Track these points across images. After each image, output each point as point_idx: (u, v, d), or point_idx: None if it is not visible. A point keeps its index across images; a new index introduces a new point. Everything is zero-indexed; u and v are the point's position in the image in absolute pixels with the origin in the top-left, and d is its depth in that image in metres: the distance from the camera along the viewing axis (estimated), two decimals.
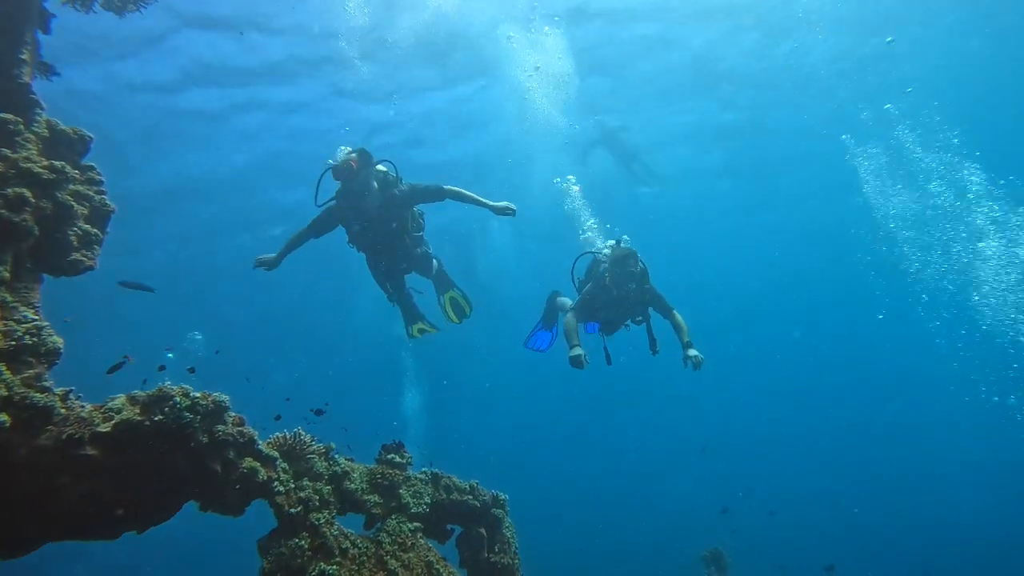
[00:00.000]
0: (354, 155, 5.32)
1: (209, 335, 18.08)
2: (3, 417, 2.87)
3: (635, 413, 33.06)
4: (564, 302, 7.07)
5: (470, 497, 4.88)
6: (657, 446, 34.03)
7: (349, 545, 3.97)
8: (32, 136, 3.60)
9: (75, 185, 3.71)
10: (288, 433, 4.03)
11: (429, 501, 4.63)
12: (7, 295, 3.29)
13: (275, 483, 3.72)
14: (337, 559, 3.82)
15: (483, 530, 5.00)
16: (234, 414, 3.58)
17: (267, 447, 3.80)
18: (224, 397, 3.48)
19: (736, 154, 18.21)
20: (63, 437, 3.06)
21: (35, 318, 3.31)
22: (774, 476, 31.13)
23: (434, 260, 6.53)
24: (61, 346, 3.29)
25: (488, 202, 5.54)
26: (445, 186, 5.59)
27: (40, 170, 3.44)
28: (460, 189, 5.60)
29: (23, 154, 3.46)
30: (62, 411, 3.17)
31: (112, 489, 3.18)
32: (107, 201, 3.94)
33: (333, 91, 14.40)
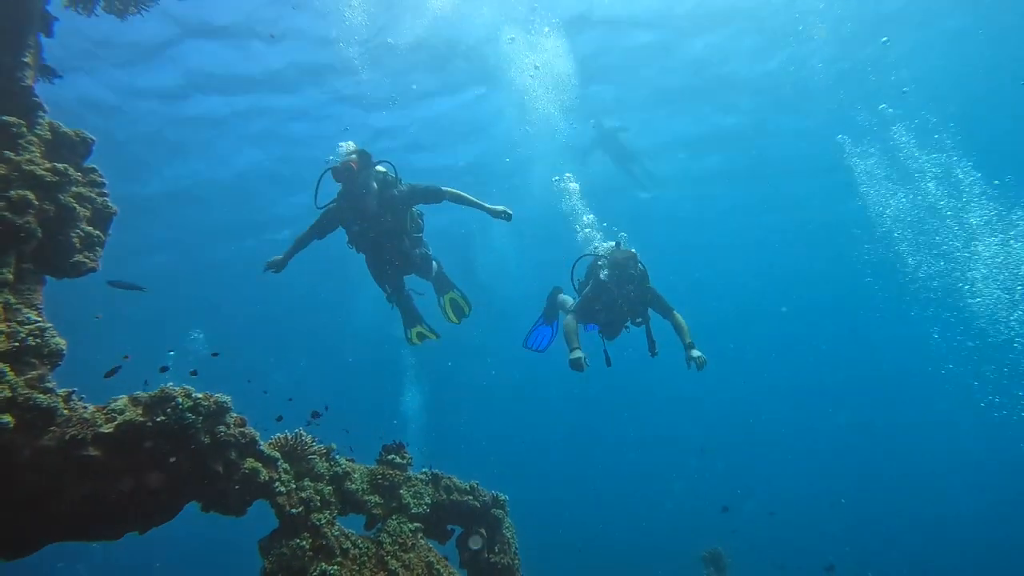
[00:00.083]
0: (354, 156, 5.34)
1: (210, 335, 18.11)
2: (7, 418, 2.89)
3: (635, 413, 33.07)
4: (565, 300, 7.08)
5: (470, 497, 4.90)
6: (657, 446, 34.05)
7: (350, 545, 3.99)
8: (35, 139, 3.61)
9: (77, 187, 3.73)
10: (289, 434, 4.05)
11: (429, 501, 4.64)
12: (10, 297, 3.30)
13: (276, 484, 3.73)
14: (338, 559, 3.84)
15: (483, 530, 5.02)
16: (236, 415, 3.59)
17: (269, 448, 3.81)
18: (226, 398, 3.49)
19: (736, 156, 18.19)
20: (66, 438, 3.08)
21: (38, 320, 3.33)
22: (774, 476, 31.15)
23: (434, 262, 6.55)
24: (64, 348, 3.31)
25: (485, 205, 5.58)
26: (443, 187, 5.67)
27: (43, 172, 3.45)
28: (458, 191, 5.67)
29: (26, 156, 3.47)
30: (65, 412, 3.18)
31: (115, 490, 3.20)
32: (109, 203, 3.96)
33: (334, 97, 14.52)
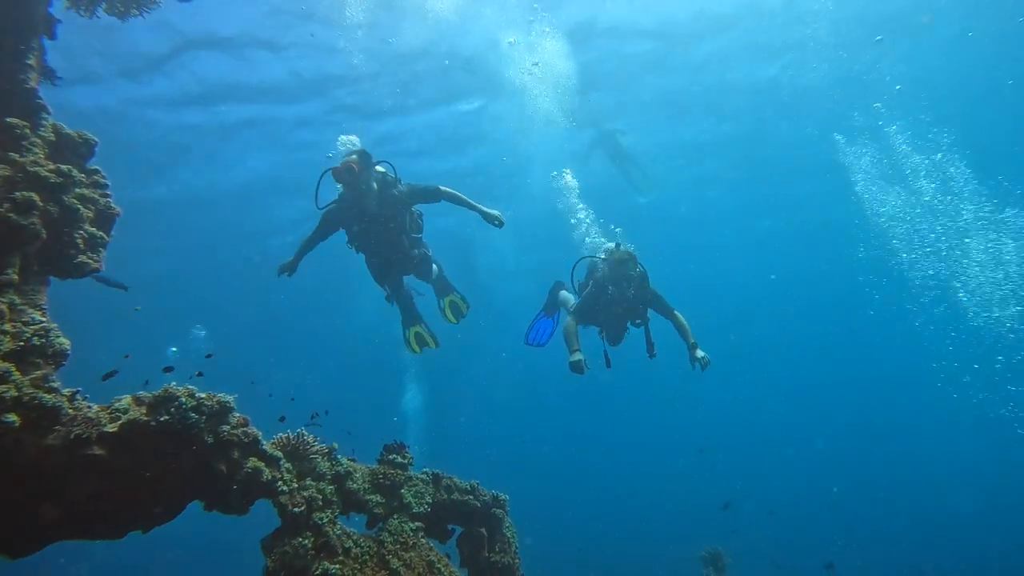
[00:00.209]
0: (355, 157, 5.38)
1: (212, 334, 18.16)
2: (13, 417, 2.91)
3: (635, 413, 33.07)
4: (567, 298, 7.10)
5: (471, 497, 4.92)
6: (657, 446, 34.08)
7: (352, 544, 4.01)
8: (39, 140, 3.63)
9: (81, 189, 3.74)
10: (292, 433, 4.07)
11: (430, 501, 4.66)
12: (15, 297, 3.32)
13: (279, 483, 3.75)
14: (340, 558, 3.86)
15: (483, 530, 5.05)
16: (238, 415, 3.61)
17: (271, 447, 3.82)
18: (229, 398, 3.51)
19: (735, 160, 18.23)
20: (71, 437, 3.10)
21: (43, 320, 3.35)
22: (774, 476, 31.19)
23: (435, 265, 6.58)
24: (68, 347, 3.33)
25: (480, 207, 5.64)
26: (441, 187, 5.75)
27: (47, 174, 3.47)
28: (455, 192, 5.77)
29: (30, 158, 3.49)
30: (70, 411, 3.20)
31: (118, 489, 3.23)
32: (112, 204, 3.96)
33: (335, 106, 14.67)
